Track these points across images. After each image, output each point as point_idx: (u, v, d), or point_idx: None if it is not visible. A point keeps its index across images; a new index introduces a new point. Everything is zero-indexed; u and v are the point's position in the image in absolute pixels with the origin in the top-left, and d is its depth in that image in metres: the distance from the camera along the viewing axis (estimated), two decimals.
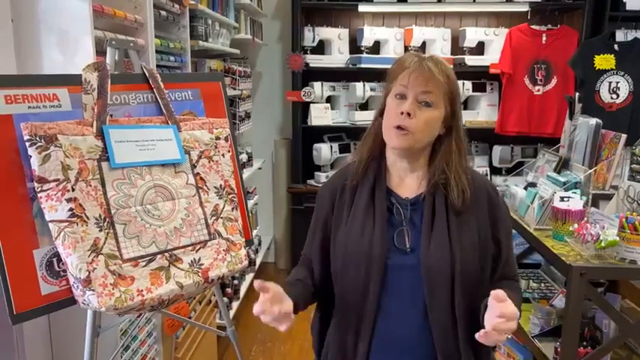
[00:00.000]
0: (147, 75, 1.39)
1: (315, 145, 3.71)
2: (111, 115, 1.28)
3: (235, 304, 3.10)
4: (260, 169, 3.92)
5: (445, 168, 1.16)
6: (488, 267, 1.18)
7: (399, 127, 1.13)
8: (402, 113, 1.12)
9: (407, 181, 1.22)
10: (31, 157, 1.10)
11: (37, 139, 1.09)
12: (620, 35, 3.32)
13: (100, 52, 1.47)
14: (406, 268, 1.14)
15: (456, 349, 1.14)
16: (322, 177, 3.73)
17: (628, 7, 3.27)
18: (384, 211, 1.18)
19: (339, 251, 1.20)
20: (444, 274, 1.12)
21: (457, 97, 1.18)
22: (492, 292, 0.99)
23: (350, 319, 1.19)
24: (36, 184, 1.10)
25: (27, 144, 1.09)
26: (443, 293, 1.12)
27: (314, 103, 3.73)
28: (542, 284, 2.22)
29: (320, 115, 3.74)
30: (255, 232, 3.81)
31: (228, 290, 3.02)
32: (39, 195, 1.10)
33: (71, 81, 1.24)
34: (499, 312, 0.97)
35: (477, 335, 0.99)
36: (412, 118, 1.12)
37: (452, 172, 1.16)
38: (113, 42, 1.40)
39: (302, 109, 3.75)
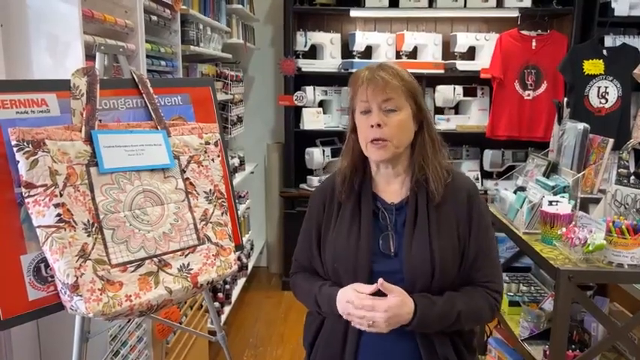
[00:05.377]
0: (136, 80, 1.39)
1: (308, 149, 3.72)
2: (100, 120, 1.27)
3: (227, 309, 3.09)
4: (252, 173, 3.93)
5: (422, 162, 1.19)
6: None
7: (375, 141, 1.15)
8: (372, 126, 1.15)
9: (392, 186, 1.24)
10: (18, 162, 1.09)
11: (25, 144, 1.09)
12: (609, 40, 3.36)
13: (90, 56, 1.47)
14: (391, 272, 1.16)
15: (439, 346, 1.16)
16: (315, 181, 3.73)
17: (616, 13, 3.30)
18: (370, 216, 1.21)
19: (328, 257, 1.23)
20: (424, 275, 1.14)
21: (418, 92, 1.20)
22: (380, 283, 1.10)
23: (340, 321, 1.20)
24: (23, 190, 1.09)
25: (14, 149, 1.09)
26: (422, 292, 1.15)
27: (306, 107, 3.74)
28: (532, 288, 2.23)
29: (312, 120, 3.75)
30: (247, 236, 3.80)
31: (220, 295, 3.02)
32: (26, 200, 1.10)
33: (60, 86, 1.23)
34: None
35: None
36: (383, 127, 1.14)
37: (429, 165, 1.18)
38: (102, 47, 1.40)
39: (294, 114, 3.76)
